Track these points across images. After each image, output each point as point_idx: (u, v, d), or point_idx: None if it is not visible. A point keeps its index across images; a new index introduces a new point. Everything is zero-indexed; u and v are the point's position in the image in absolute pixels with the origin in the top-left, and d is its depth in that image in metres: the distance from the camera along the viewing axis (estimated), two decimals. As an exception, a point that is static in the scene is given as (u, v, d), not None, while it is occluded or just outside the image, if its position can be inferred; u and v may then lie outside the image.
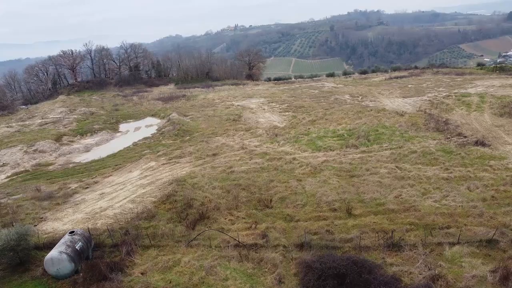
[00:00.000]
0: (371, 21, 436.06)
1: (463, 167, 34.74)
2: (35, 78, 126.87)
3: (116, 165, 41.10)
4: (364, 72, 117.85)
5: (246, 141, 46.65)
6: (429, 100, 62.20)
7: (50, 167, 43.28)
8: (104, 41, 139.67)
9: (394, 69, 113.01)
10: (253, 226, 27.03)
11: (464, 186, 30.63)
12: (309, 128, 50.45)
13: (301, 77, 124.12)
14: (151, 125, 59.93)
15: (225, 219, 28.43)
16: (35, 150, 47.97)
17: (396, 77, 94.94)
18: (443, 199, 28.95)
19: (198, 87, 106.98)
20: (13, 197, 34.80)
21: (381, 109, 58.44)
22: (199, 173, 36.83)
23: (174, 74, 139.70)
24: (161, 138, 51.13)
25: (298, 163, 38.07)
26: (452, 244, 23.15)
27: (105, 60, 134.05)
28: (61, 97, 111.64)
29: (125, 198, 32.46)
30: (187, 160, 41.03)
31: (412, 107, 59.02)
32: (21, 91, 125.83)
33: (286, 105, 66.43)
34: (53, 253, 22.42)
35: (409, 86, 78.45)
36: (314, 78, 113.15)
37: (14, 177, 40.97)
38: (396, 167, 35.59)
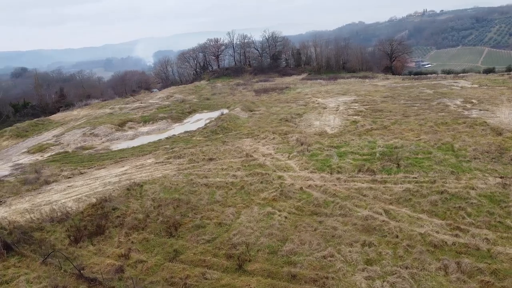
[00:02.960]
0: None
1: (490, 229, 22.20)
2: (186, 64, 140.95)
3: (121, 158, 41.21)
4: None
5: (264, 147, 40.74)
6: None
7: (85, 152, 46.36)
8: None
9: None
10: (126, 255, 22.86)
11: (440, 264, 19.37)
12: (352, 140, 40.93)
13: (448, 72, 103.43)
14: (211, 118, 58.54)
15: (119, 239, 24.90)
16: (91, 134, 52.36)
17: None
18: (382, 277, 18.85)
19: (322, 79, 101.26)
20: (20, 176, 38.40)
21: (480, 123, 43.33)
22: (166, 179, 33.53)
23: (314, 64, 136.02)
24: (196, 133, 49.20)
25: (277, 183, 30.85)
26: None
27: (246, 49, 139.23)
28: (202, 81, 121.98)
29: (77, 195, 31.90)
30: (180, 162, 38.08)
31: (532, 123, 41.99)
32: (173, 75, 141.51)
33: (367, 107, 55.88)
34: None
35: None
36: (460, 75, 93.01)
37: (51, 156, 45.43)
38: (385, 211, 25.20)
